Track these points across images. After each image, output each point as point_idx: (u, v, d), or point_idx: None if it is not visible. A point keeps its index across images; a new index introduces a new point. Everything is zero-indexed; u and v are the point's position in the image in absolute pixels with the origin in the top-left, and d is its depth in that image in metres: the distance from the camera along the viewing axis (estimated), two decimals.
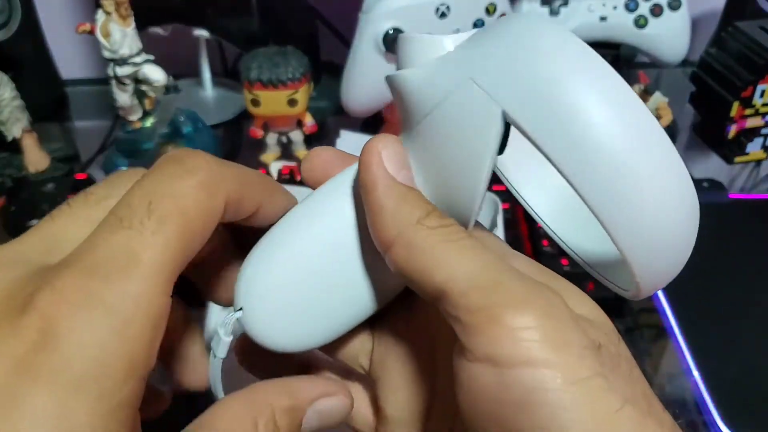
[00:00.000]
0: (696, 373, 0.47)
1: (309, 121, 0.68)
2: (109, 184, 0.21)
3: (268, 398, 0.20)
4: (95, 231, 0.18)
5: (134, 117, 0.70)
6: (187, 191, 0.19)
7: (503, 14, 0.61)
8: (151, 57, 0.67)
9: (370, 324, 0.24)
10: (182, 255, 0.18)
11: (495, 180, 0.65)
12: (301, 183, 0.24)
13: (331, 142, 0.70)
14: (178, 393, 0.25)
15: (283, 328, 0.22)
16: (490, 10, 0.60)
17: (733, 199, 0.62)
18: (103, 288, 0.17)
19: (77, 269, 0.17)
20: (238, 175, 0.20)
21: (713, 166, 0.70)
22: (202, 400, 0.22)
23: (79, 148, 0.73)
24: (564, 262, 0.54)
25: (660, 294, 0.53)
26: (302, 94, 0.64)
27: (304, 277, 0.22)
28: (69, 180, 0.64)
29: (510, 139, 0.19)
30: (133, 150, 0.68)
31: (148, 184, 0.19)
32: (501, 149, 0.19)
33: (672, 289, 0.53)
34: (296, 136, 0.69)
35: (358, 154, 0.21)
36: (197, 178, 0.19)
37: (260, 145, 0.70)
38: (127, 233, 0.17)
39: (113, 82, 0.67)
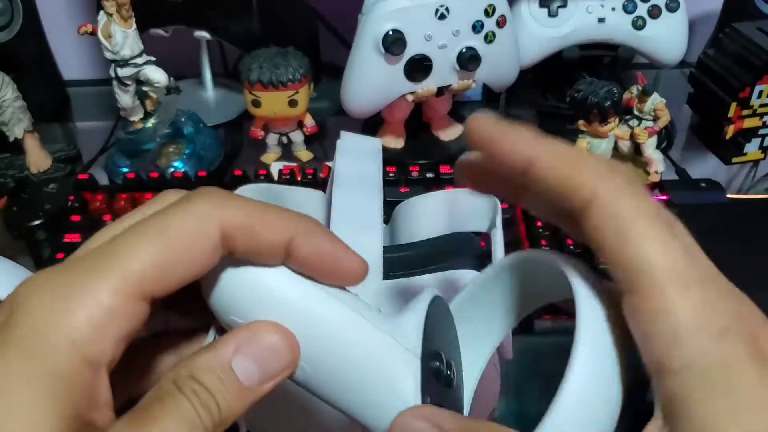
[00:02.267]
0: None
1: (309, 121, 0.68)
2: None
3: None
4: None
5: (136, 118, 0.70)
6: (173, 215, 0.20)
7: (502, 15, 0.61)
8: (153, 58, 0.67)
9: None
10: (158, 268, 0.19)
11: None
12: (302, 183, 0.24)
13: (331, 143, 0.70)
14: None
15: None
16: (489, 12, 0.60)
17: (731, 199, 0.62)
18: (69, 281, 0.18)
19: (57, 267, 0.19)
20: (243, 206, 0.20)
21: (711, 167, 0.71)
22: None
23: (81, 148, 0.74)
24: None
25: None
26: (302, 94, 0.65)
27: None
28: (71, 180, 0.64)
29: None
30: (134, 150, 0.68)
31: (145, 208, 0.21)
32: None
33: None
34: (297, 136, 0.70)
35: (358, 154, 0.22)
36: (186, 205, 0.20)
37: (261, 146, 0.70)
38: (112, 242, 0.19)
39: (115, 83, 0.67)
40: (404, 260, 0.40)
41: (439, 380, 0.22)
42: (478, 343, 0.27)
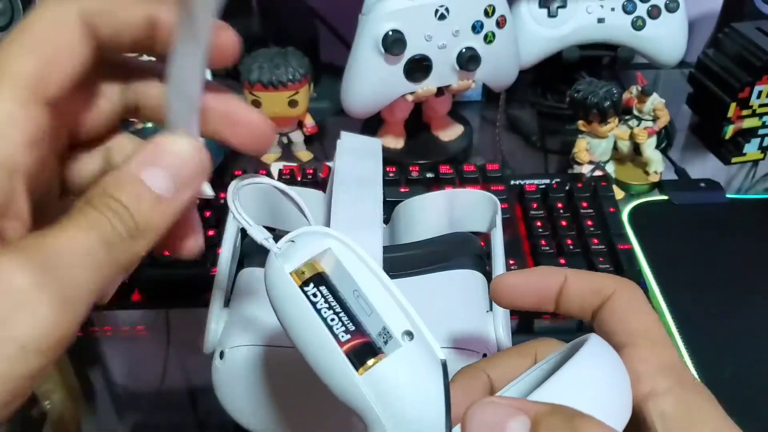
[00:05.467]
0: (693, 372, 0.48)
1: (309, 122, 0.68)
2: None
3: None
4: None
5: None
6: (35, 19, 0.21)
7: (501, 16, 0.61)
8: (153, 58, 0.67)
9: None
10: (39, 69, 0.20)
11: (494, 180, 0.65)
12: (302, 183, 0.25)
13: (331, 143, 0.70)
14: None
15: None
16: (488, 12, 0.61)
17: (731, 199, 0.63)
18: None
19: None
20: None
21: (710, 167, 0.71)
22: (203, 399, 0.23)
23: None
24: (562, 261, 0.55)
25: (657, 293, 0.53)
26: (302, 95, 0.65)
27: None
28: None
29: None
30: None
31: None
32: None
33: (669, 289, 0.54)
34: (297, 136, 0.70)
35: (358, 154, 0.22)
36: (44, 5, 0.21)
37: None
38: None
39: None
40: (404, 260, 0.40)
41: None
42: None
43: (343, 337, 0.23)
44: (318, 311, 0.23)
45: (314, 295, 0.23)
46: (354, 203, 0.39)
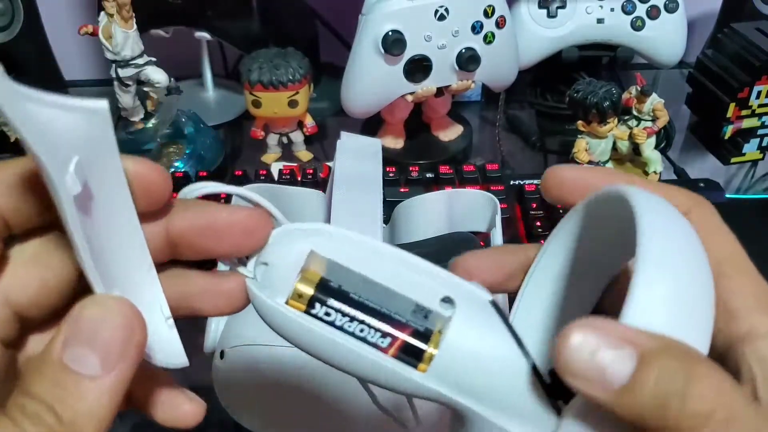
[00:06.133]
0: None
1: (309, 122, 0.68)
2: None
3: None
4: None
5: (136, 118, 0.71)
6: None
7: (501, 16, 0.61)
8: (153, 59, 0.67)
9: None
10: None
11: (493, 180, 0.65)
12: (302, 183, 0.24)
13: (331, 143, 0.71)
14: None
15: None
16: (488, 12, 0.61)
17: (730, 198, 0.63)
18: None
19: None
20: None
21: (710, 167, 0.71)
22: (203, 398, 0.23)
23: None
24: None
25: None
26: (302, 95, 0.65)
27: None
28: None
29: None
30: (135, 150, 0.68)
31: None
32: None
33: None
34: (297, 136, 0.70)
35: (358, 154, 0.22)
36: None
37: (261, 146, 0.70)
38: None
39: (116, 83, 0.68)
40: None
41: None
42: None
43: (382, 342, 0.19)
44: (341, 329, 0.20)
45: (327, 314, 0.20)
46: (354, 203, 0.39)
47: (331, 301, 0.20)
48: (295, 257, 0.20)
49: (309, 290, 0.20)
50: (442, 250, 0.42)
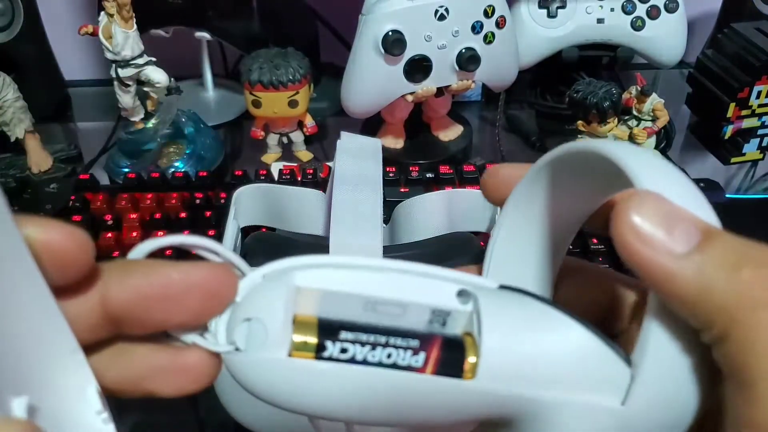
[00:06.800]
0: None
1: (309, 122, 0.69)
2: None
3: None
4: None
5: (136, 118, 0.71)
6: None
7: (501, 16, 0.61)
8: (153, 59, 0.67)
9: None
10: None
11: None
12: (302, 183, 0.24)
13: (331, 143, 0.71)
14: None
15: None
16: (488, 12, 0.61)
17: (730, 198, 0.63)
18: None
19: None
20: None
21: (710, 167, 0.71)
22: (203, 398, 0.23)
23: (82, 148, 0.74)
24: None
25: None
26: (303, 95, 0.65)
27: None
28: (72, 180, 0.64)
29: None
30: (135, 151, 0.68)
31: None
32: None
33: None
34: (297, 136, 0.70)
35: (358, 154, 0.21)
36: None
37: (261, 146, 0.70)
38: None
39: (116, 83, 0.68)
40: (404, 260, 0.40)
41: None
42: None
43: (416, 362, 0.17)
44: (365, 362, 0.16)
45: (344, 351, 0.16)
46: (354, 203, 0.39)
47: (343, 334, 0.16)
48: (281, 299, 0.16)
49: (311, 332, 0.16)
50: (442, 250, 0.42)
